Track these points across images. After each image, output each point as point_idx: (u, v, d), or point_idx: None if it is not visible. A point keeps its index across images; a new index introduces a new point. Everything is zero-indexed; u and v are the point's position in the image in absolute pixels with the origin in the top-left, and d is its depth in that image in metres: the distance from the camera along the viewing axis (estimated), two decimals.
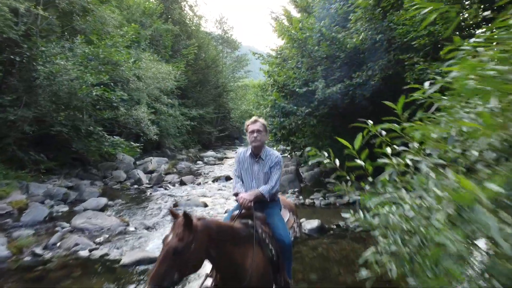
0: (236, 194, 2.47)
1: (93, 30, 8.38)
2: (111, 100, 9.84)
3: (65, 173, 8.87)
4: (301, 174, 8.67)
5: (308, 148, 2.13)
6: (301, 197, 6.67)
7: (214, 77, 21.76)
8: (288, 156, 7.52)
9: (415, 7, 1.56)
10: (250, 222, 2.30)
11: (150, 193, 7.75)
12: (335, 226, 4.69)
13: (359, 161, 1.57)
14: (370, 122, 1.58)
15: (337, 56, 6.93)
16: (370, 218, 1.44)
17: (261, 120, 2.52)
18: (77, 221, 4.91)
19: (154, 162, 11.53)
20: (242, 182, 2.56)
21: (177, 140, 16.44)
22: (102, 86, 6.92)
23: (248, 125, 2.51)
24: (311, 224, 4.56)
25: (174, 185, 8.93)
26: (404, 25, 4.73)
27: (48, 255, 3.64)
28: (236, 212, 2.40)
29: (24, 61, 6.61)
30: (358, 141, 1.51)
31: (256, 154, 2.52)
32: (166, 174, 11.36)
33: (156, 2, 17.73)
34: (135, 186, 8.55)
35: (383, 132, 1.55)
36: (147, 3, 16.18)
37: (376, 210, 1.50)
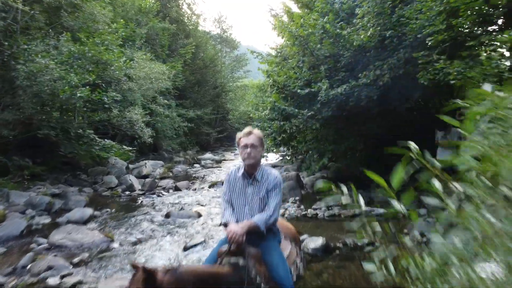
0: (225, 225, 1.98)
1: (82, 27, 7.90)
2: (103, 101, 9.40)
3: (53, 178, 8.40)
4: (302, 179, 8.18)
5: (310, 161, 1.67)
6: (302, 206, 6.19)
7: (212, 77, 21.29)
8: (288, 157, 7.03)
9: None
10: (241, 261, 1.83)
11: (142, 201, 7.27)
12: (341, 245, 4.21)
13: (398, 206, 1.09)
14: (413, 145, 1.11)
15: (341, 54, 6.45)
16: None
17: (256, 131, 2.04)
18: (56, 236, 4.44)
19: (148, 165, 11.05)
20: (233, 208, 2.08)
21: (174, 142, 15.97)
22: (88, 87, 6.42)
23: (240, 138, 2.03)
24: (314, 242, 4.08)
25: (168, 191, 8.45)
26: (417, 19, 4.23)
27: (11, 283, 3.16)
28: (225, 247, 1.92)
29: (5, 60, 6.13)
30: (398, 177, 1.03)
31: (250, 174, 2.04)
32: (161, 178, 10.90)
33: (152, 0, 17.25)
34: (127, 192, 8.07)
35: (436, 163, 1.07)
36: (142, 1, 15.69)
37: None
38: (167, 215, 5.98)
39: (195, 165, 13.52)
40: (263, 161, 2.35)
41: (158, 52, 16.61)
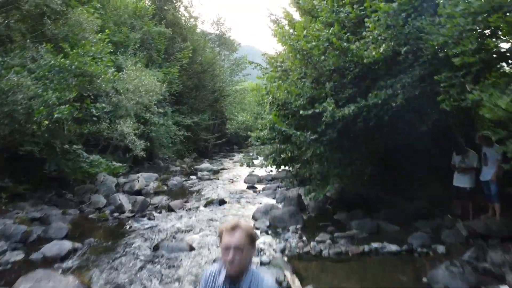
0: None
1: (68, 35, 7.32)
2: (92, 113, 8.83)
3: (37, 198, 7.81)
4: (304, 201, 7.59)
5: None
6: (304, 237, 5.60)
7: (210, 81, 20.69)
8: (289, 181, 6.43)
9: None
10: None
11: (130, 226, 6.69)
12: None
13: None
14: None
15: (348, 68, 5.86)
16: None
17: (244, 226, 1.45)
18: (22, 286, 3.85)
19: (141, 179, 10.46)
20: None
21: (170, 150, 15.38)
22: (72, 101, 5.83)
23: (223, 233, 1.44)
24: None
25: (160, 212, 7.86)
26: (441, 35, 3.64)
27: None
28: None
29: None
30: None
31: (235, 281, 1.45)
32: (155, 193, 10.36)
33: (148, 3, 16.67)
34: (115, 214, 7.47)
35: None
36: (137, 4, 15.10)
37: None
38: (156, 248, 5.40)
39: (191, 176, 12.94)
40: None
41: (154, 57, 16.04)
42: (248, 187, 10.97)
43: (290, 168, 6.67)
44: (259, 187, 11.08)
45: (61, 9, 7.00)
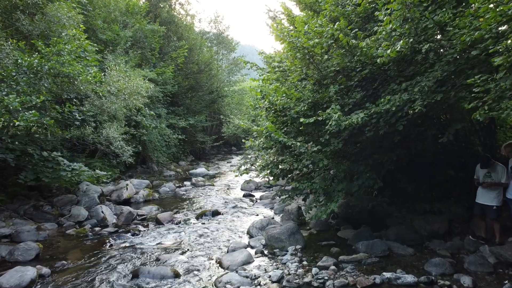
0: None
1: (44, 32, 6.63)
2: (74, 117, 8.15)
3: (12, 210, 7.14)
4: (304, 213, 6.91)
5: None
6: (305, 260, 4.92)
7: (208, 82, 19.99)
8: (289, 197, 5.75)
9: None
10: None
11: (111, 244, 6.00)
12: None
13: None
14: None
15: (354, 69, 5.19)
16: None
17: None
18: None
19: (131, 187, 9.78)
20: None
21: (164, 153, 14.69)
22: (34, 111, 5.13)
23: None
24: None
25: (147, 226, 7.18)
26: (475, 29, 2.96)
27: None
28: None
29: None
30: None
31: None
32: (146, 201, 9.69)
33: (142, 0, 15.97)
34: (97, 229, 6.79)
35: None
36: (129, 0, 14.40)
37: None
38: (135, 274, 4.71)
39: (185, 182, 12.25)
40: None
41: (148, 56, 15.34)
42: (245, 195, 10.29)
43: (289, 181, 5.97)
44: (257, 194, 10.41)
45: (37, 2, 6.30)
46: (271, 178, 5.86)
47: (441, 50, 3.77)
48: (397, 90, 4.49)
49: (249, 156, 6.27)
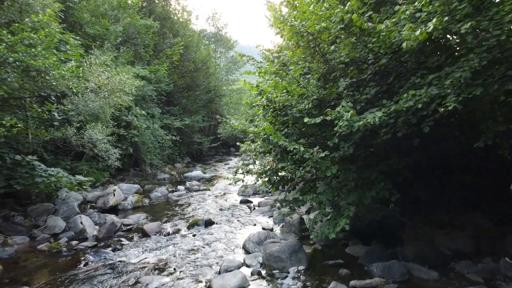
0: None
1: (16, 21, 5.87)
2: (53, 117, 7.40)
3: None
4: (307, 225, 6.15)
5: None
6: (309, 286, 4.16)
7: (205, 80, 19.23)
8: (290, 211, 4.99)
9: None
10: None
11: (86, 263, 5.23)
12: None
13: None
14: None
15: (366, 60, 4.45)
16: None
17: None
18: None
19: (118, 193, 9.02)
20: None
21: (157, 156, 13.93)
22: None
23: None
24: None
25: (131, 239, 6.42)
26: None
27: None
28: None
29: None
30: None
31: None
32: (134, 208, 8.95)
33: None
34: (73, 243, 6.02)
35: None
36: None
37: None
38: None
39: (178, 187, 11.48)
40: None
41: (141, 53, 14.60)
42: (242, 201, 9.53)
43: (290, 189, 5.22)
44: (255, 200, 9.65)
45: None
46: (269, 187, 5.10)
47: (482, 33, 3.02)
48: (419, 84, 3.74)
49: (244, 163, 5.51)
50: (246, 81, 4.34)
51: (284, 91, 4.37)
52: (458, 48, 3.29)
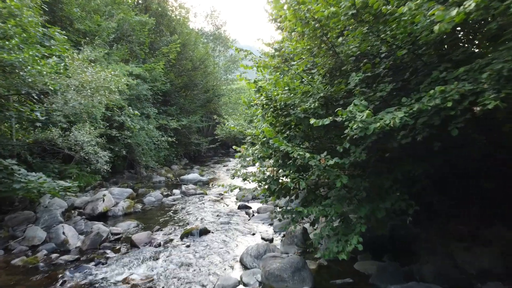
0: None
1: None
2: (35, 117, 6.85)
3: None
4: (311, 237, 5.61)
5: None
6: None
7: (203, 80, 18.67)
8: (292, 227, 4.45)
9: None
10: None
11: (64, 281, 4.68)
12: None
13: None
14: None
15: (378, 54, 3.92)
16: None
17: None
18: None
19: (108, 198, 8.48)
20: None
21: (153, 158, 13.39)
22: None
23: None
24: None
25: (118, 251, 5.88)
26: None
27: None
28: None
29: None
30: None
31: None
32: (125, 214, 8.41)
33: None
34: (53, 256, 5.47)
35: None
36: None
37: None
38: None
39: (174, 191, 10.93)
40: None
41: (136, 51, 14.05)
42: (240, 207, 8.98)
43: (292, 199, 4.67)
44: (254, 206, 9.10)
45: None
46: (268, 195, 4.55)
47: None
48: (444, 79, 3.20)
49: (240, 168, 4.97)
50: (242, 75, 3.79)
51: (286, 88, 3.82)
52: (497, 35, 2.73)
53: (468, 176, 4.92)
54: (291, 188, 3.99)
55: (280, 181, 4.40)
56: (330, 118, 3.00)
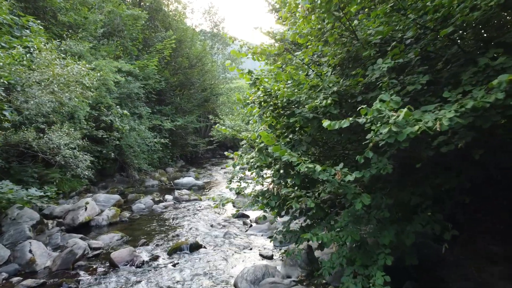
0: None
1: None
2: (5, 117, 6.05)
3: None
4: (317, 258, 4.83)
5: None
6: None
7: (200, 78, 17.87)
8: (295, 251, 3.66)
9: None
10: None
11: None
12: None
13: None
14: None
15: (402, 39, 3.17)
16: None
17: None
18: None
19: (92, 206, 7.69)
20: None
21: (146, 160, 12.61)
22: None
23: None
24: None
25: (93, 272, 5.08)
26: None
27: None
28: None
29: None
30: None
31: None
32: (110, 224, 7.63)
33: None
34: (14, 280, 4.68)
35: None
36: None
37: None
38: None
39: (166, 196, 10.14)
40: None
41: (129, 47, 13.26)
42: (237, 216, 8.18)
43: (296, 215, 3.88)
44: (251, 215, 8.31)
45: None
46: (268, 211, 3.77)
47: None
48: (494, 68, 2.45)
49: (232, 181, 4.21)
50: (232, 64, 3.04)
51: (289, 81, 3.03)
52: None
53: (500, 188, 4.16)
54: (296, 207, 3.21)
55: (282, 193, 3.60)
56: (350, 119, 2.21)
